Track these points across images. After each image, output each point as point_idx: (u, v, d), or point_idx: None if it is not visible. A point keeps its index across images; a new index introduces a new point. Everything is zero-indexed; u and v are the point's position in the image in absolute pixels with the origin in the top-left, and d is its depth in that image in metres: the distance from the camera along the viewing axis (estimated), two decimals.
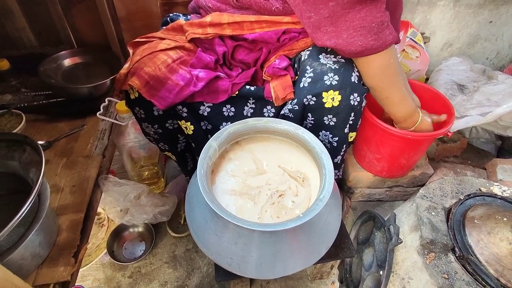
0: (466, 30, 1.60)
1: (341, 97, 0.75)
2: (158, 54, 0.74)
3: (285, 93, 0.78)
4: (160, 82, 0.73)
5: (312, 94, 0.75)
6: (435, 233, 0.73)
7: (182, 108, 0.78)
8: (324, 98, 0.75)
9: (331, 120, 0.79)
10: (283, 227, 0.57)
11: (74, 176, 0.95)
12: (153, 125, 0.82)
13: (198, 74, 0.74)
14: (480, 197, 0.80)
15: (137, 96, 0.76)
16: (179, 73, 0.74)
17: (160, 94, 0.73)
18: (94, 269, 1.03)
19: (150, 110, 0.79)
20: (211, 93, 0.78)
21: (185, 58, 0.77)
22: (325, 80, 0.74)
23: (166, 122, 0.82)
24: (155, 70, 0.72)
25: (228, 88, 0.77)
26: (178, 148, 0.92)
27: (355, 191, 1.20)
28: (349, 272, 0.97)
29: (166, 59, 0.73)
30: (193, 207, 0.72)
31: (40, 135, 1.06)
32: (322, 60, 0.76)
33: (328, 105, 0.76)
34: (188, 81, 0.74)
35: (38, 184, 0.65)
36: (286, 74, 0.79)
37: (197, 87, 0.74)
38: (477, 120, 1.08)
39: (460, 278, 0.67)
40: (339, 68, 0.75)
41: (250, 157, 0.78)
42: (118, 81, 0.77)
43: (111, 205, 1.10)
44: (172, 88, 0.73)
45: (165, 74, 0.73)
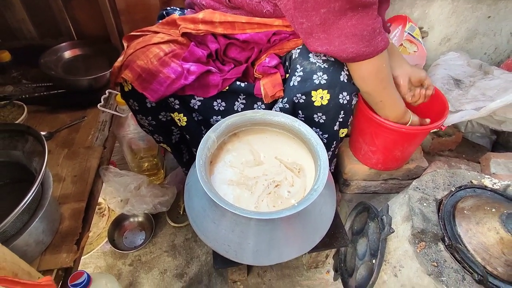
0: (464, 25, 1.60)
1: (330, 96, 0.77)
2: (151, 48, 0.75)
3: (275, 91, 0.80)
4: (151, 75, 0.74)
5: (302, 93, 0.77)
6: (426, 223, 0.76)
7: (174, 101, 0.80)
8: (314, 97, 0.77)
9: (320, 117, 0.81)
10: (278, 215, 0.60)
11: (76, 166, 0.97)
12: (146, 117, 0.84)
13: (190, 67, 0.76)
14: (470, 189, 0.82)
15: (131, 89, 0.78)
16: (171, 66, 0.75)
17: (152, 86, 0.75)
18: (95, 257, 1.06)
19: (143, 102, 0.80)
20: (201, 87, 0.79)
21: (178, 52, 0.78)
22: (314, 79, 0.76)
23: (159, 114, 0.84)
24: (147, 63, 0.74)
25: (218, 83, 0.78)
26: (172, 140, 0.94)
27: (351, 183, 1.22)
28: (343, 261, 1.00)
29: (158, 52, 0.75)
30: (192, 196, 0.75)
31: (42, 126, 1.08)
32: (312, 59, 0.78)
33: (317, 104, 0.78)
34: (179, 74, 0.75)
35: (42, 173, 0.67)
36: (276, 72, 0.81)
37: (188, 80, 0.75)
38: (471, 115, 1.10)
39: (449, 266, 0.70)
40: (328, 68, 0.76)
41: (248, 148, 0.80)
42: (112, 74, 0.79)
43: (111, 195, 1.12)
44: (163, 81, 0.75)
45: (157, 67, 0.74)
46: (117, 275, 1.02)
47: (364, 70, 0.75)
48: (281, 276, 1.03)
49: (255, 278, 1.02)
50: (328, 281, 1.03)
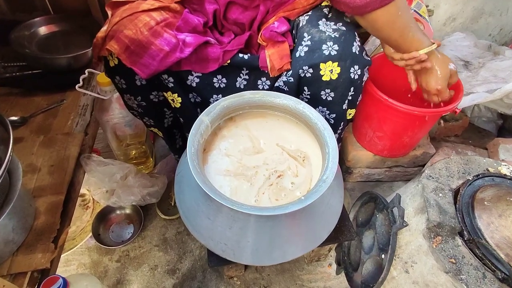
0: (471, 3, 1.52)
1: (340, 69, 0.68)
2: (140, 16, 0.65)
3: (282, 63, 0.71)
4: (142, 47, 0.64)
5: (309, 65, 0.68)
6: (443, 215, 0.69)
7: (168, 78, 0.70)
8: (322, 70, 0.68)
9: (328, 95, 0.72)
10: (283, 211, 0.52)
11: (53, 155, 0.87)
12: (135, 97, 0.74)
13: (185, 38, 0.66)
14: (489, 178, 0.76)
15: (117, 63, 0.68)
16: (164, 37, 0.65)
17: (142, 61, 0.65)
18: (79, 254, 0.98)
19: (132, 79, 0.70)
20: (200, 61, 0.70)
21: (171, 21, 0.68)
22: (324, 49, 0.67)
23: (151, 93, 0.74)
24: (137, 33, 0.64)
25: (219, 56, 0.69)
26: (165, 124, 0.84)
27: (353, 171, 1.15)
28: (347, 255, 0.94)
29: (149, 21, 0.65)
30: (183, 188, 0.66)
31: (14, 110, 0.97)
32: (322, 27, 0.69)
33: (326, 78, 0.69)
34: (173, 46, 0.65)
35: (6, 162, 0.57)
36: (284, 41, 0.71)
37: (184, 54, 0.66)
38: (484, 97, 1.03)
39: (468, 263, 0.63)
40: (339, 37, 0.67)
41: (246, 134, 0.71)
42: (95, 46, 0.68)
43: (96, 186, 1.03)
44: (156, 54, 0.65)
45: (148, 38, 0.64)
46: (103, 272, 0.95)
47: (379, 21, 0.65)
48: (280, 271, 0.97)
49: (253, 274, 0.96)
50: (330, 275, 0.97)
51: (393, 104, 0.81)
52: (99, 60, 0.71)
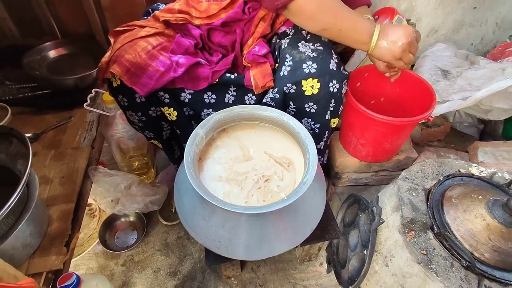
0: (451, 16, 1.62)
1: (320, 84, 0.77)
2: (139, 41, 0.74)
3: (265, 81, 0.80)
4: (141, 68, 0.74)
5: (292, 83, 0.77)
6: (415, 212, 0.76)
7: (164, 95, 0.79)
8: (304, 86, 0.77)
9: (311, 107, 0.81)
10: (268, 209, 0.59)
11: (63, 167, 0.95)
12: (136, 112, 0.83)
13: (178, 60, 0.75)
14: (458, 178, 0.83)
15: (119, 84, 0.77)
16: (159, 60, 0.75)
17: (141, 81, 0.75)
18: (87, 259, 1.05)
19: (132, 97, 0.79)
20: (191, 79, 0.79)
21: (166, 44, 0.78)
22: (304, 68, 0.76)
23: (149, 109, 0.83)
24: (136, 57, 0.73)
25: (208, 75, 0.78)
26: (163, 136, 0.93)
27: (342, 176, 1.23)
28: (336, 254, 1.00)
29: (146, 46, 0.74)
30: (181, 194, 0.74)
31: (27, 127, 1.06)
32: (301, 48, 0.78)
33: (308, 93, 0.78)
34: (168, 67, 0.75)
35: (26, 175, 0.65)
36: (266, 62, 0.81)
37: (177, 73, 0.75)
38: (458, 104, 1.11)
39: (438, 254, 0.70)
40: (317, 56, 0.76)
41: (237, 144, 0.79)
42: (100, 70, 0.78)
43: (102, 195, 1.11)
44: (153, 74, 0.74)
45: (146, 60, 0.74)
46: (109, 275, 1.02)
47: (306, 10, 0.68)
48: (274, 270, 1.04)
49: (249, 273, 1.02)
50: (321, 274, 1.04)
51: (371, 115, 0.89)
52: (104, 82, 0.81)
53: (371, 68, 1.06)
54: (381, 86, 1.08)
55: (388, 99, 1.12)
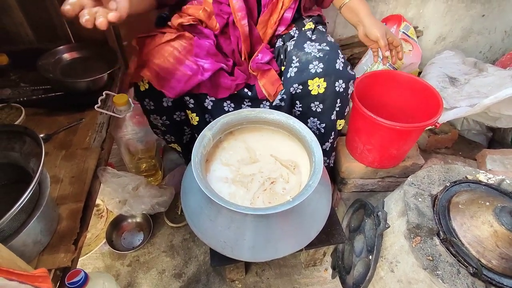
0: (459, 24, 1.62)
1: (326, 84, 0.78)
2: (165, 46, 0.78)
3: (275, 88, 0.82)
4: (169, 72, 0.77)
5: (298, 83, 0.79)
6: (421, 218, 0.76)
7: (190, 99, 0.83)
8: (310, 86, 0.78)
9: (318, 106, 0.82)
10: (273, 210, 0.60)
11: (73, 167, 0.97)
12: (161, 116, 0.86)
13: (204, 65, 0.79)
14: (465, 184, 0.83)
15: (147, 88, 0.80)
16: (186, 64, 0.79)
17: (170, 84, 0.78)
18: (93, 258, 1.06)
19: (159, 101, 0.83)
20: (214, 87, 0.82)
21: (189, 48, 0.81)
22: (310, 68, 0.77)
23: (174, 113, 0.87)
24: (164, 62, 0.77)
25: (230, 86, 0.82)
26: (184, 140, 0.96)
27: (348, 182, 1.22)
28: (341, 259, 1.00)
29: (172, 51, 0.78)
30: (188, 194, 0.75)
31: (40, 128, 1.08)
32: (307, 49, 0.80)
33: (314, 92, 0.79)
34: (195, 71, 0.78)
35: (39, 173, 0.67)
36: (270, 69, 0.83)
37: (204, 76, 0.79)
38: (465, 111, 1.10)
39: (444, 260, 0.70)
40: (324, 56, 0.78)
41: (244, 146, 0.80)
42: (129, 75, 0.81)
43: (109, 196, 1.12)
44: (181, 78, 0.78)
45: (174, 65, 0.77)
46: (115, 275, 1.03)
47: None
48: (279, 275, 1.03)
49: (253, 277, 1.02)
50: (326, 279, 1.03)
51: (377, 120, 0.90)
52: (130, 86, 0.84)
53: (378, 74, 1.07)
54: (388, 92, 1.09)
55: (395, 105, 1.12)
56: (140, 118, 1.08)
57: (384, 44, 0.83)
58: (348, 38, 1.52)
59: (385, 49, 0.85)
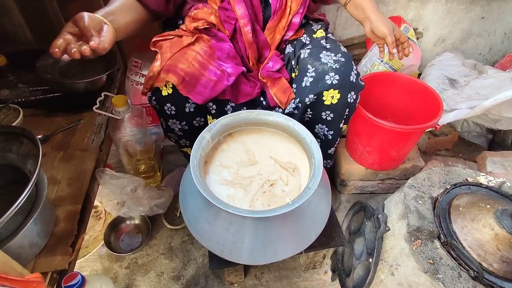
0: (458, 25, 1.62)
1: (340, 95, 0.78)
2: (187, 51, 0.78)
3: (287, 96, 0.82)
4: (195, 78, 0.76)
5: (314, 93, 0.78)
6: (422, 220, 0.76)
7: (212, 105, 0.83)
8: (324, 96, 0.79)
9: (328, 115, 0.82)
10: (272, 213, 0.59)
11: (71, 169, 0.96)
12: (181, 121, 0.85)
13: (227, 69, 0.79)
14: (466, 186, 0.82)
15: (170, 93, 0.79)
16: (210, 69, 0.78)
17: (196, 89, 0.77)
18: (91, 260, 1.06)
19: (182, 106, 0.82)
20: (235, 92, 0.83)
21: (210, 52, 0.80)
22: (326, 79, 0.77)
23: (195, 119, 0.86)
24: (190, 67, 0.76)
25: (250, 92, 0.83)
26: None
27: (348, 184, 1.22)
28: (341, 262, 0.99)
29: (195, 55, 0.77)
30: (187, 196, 0.74)
31: (38, 129, 1.07)
32: (323, 59, 0.79)
33: (327, 103, 0.79)
34: (220, 77, 0.78)
35: (35, 174, 0.67)
36: (281, 77, 0.83)
37: (230, 81, 0.78)
38: (465, 113, 1.10)
39: (445, 263, 0.69)
40: (340, 68, 0.77)
41: (243, 148, 0.80)
42: (150, 79, 0.79)
43: (108, 197, 1.12)
44: (207, 84, 0.77)
45: (199, 70, 0.77)
46: (113, 278, 1.02)
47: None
48: (278, 278, 1.03)
49: (252, 280, 1.02)
50: (326, 282, 1.02)
51: (377, 122, 0.89)
52: (150, 90, 0.83)
53: (378, 75, 1.07)
54: (388, 93, 1.08)
55: (395, 106, 1.12)
56: (139, 119, 1.07)
57: (392, 40, 0.83)
58: (348, 40, 1.52)
59: (393, 46, 0.84)
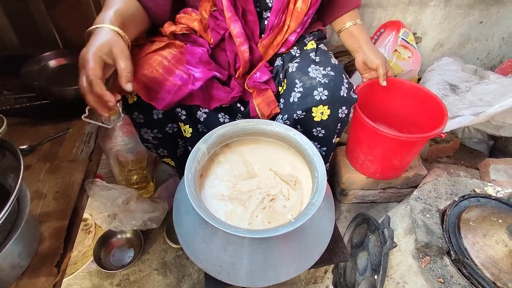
0: (457, 30, 1.61)
1: (330, 111, 0.74)
2: (153, 56, 0.73)
3: (270, 109, 0.79)
4: (158, 83, 0.72)
5: (302, 110, 0.74)
6: (430, 236, 0.72)
7: (181, 111, 0.78)
8: (314, 113, 0.75)
9: (319, 132, 0.78)
10: (274, 233, 0.55)
11: (58, 181, 0.91)
12: (152, 129, 0.81)
13: (195, 74, 0.74)
14: (474, 199, 0.79)
15: (136, 100, 0.75)
16: (176, 74, 0.73)
17: (159, 95, 0.73)
18: (80, 278, 1.00)
19: (149, 114, 0.78)
20: (206, 98, 0.78)
21: (179, 57, 0.76)
22: (315, 95, 0.73)
23: (166, 125, 0.82)
24: (153, 72, 0.71)
25: (223, 98, 0.78)
26: (178, 153, 0.91)
27: (348, 193, 1.18)
28: (343, 276, 0.95)
29: (161, 60, 0.72)
30: (181, 213, 0.70)
31: (23, 139, 1.02)
32: (311, 74, 0.75)
33: (317, 119, 0.76)
34: (185, 81, 0.73)
35: (16, 190, 0.61)
36: (267, 89, 0.79)
37: (195, 86, 0.73)
38: (469, 120, 1.07)
39: (456, 282, 0.65)
40: (329, 83, 0.73)
41: (241, 160, 0.75)
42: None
43: (98, 210, 1.06)
44: (171, 89, 0.73)
45: (163, 75, 0.72)
46: None
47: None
48: None
49: None
50: None
51: (380, 130, 0.86)
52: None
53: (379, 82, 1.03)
54: (390, 100, 1.05)
55: (397, 114, 1.08)
56: (131, 128, 1.02)
57: (384, 72, 0.90)
58: None
59: (383, 78, 0.89)
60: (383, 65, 0.88)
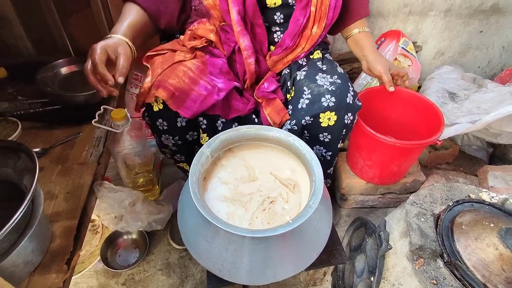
0: (457, 39, 1.63)
1: (336, 117, 0.78)
2: (178, 66, 0.78)
3: (280, 117, 0.82)
4: (185, 93, 0.77)
5: (310, 116, 0.78)
6: (424, 239, 0.74)
7: (203, 120, 0.82)
8: (321, 119, 0.78)
9: (326, 137, 0.82)
10: (272, 233, 0.58)
11: (69, 183, 0.95)
12: (174, 136, 0.85)
13: (218, 84, 0.79)
14: (468, 203, 0.81)
15: (161, 108, 0.79)
16: (200, 84, 0.78)
17: (186, 104, 0.77)
18: (87, 277, 1.03)
19: (173, 121, 0.82)
20: (226, 108, 0.82)
21: (202, 68, 0.81)
22: (323, 102, 0.77)
23: (187, 133, 0.86)
24: (179, 82, 0.76)
25: (241, 109, 0.83)
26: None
27: (348, 198, 1.21)
28: (341, 279, 0.97)
29: (186, 71, 0.77)
30: (185, 213, 0.73)
31: (36, 142, 1.07)
32: (319, 81, 0.79)
33: (324, 125, 0.79)
34: (210, 91, 0.78)
35: (31, 191, 0.65)
36: (275, 98, 0.82)
37: (220, 96, 0.78)
38: (466, 128, 1.10)
39: (449, 284, 0.68)
40: (336, 90, 0.77)
41: (242, 164, 0.79)
42: (141, 95, 0.80)
43: (105, 211, 1.10)
44: (196, 98, 0.77)
45: (189, 85, 0.77)
46: None
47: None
48: None
49: None
50: None
51: (378, 137, 0.89)
52: (142, 106, 0.83)
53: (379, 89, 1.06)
54: (389, 107, 1.08)
55: (396, 120, 1.11)
56: (138, 132, 1.07)
57: (388, 79, 0.89)
58: (347, 53, 1.52)
59: (389, 84, 0.91)
60: (387, 72, 0.89)
